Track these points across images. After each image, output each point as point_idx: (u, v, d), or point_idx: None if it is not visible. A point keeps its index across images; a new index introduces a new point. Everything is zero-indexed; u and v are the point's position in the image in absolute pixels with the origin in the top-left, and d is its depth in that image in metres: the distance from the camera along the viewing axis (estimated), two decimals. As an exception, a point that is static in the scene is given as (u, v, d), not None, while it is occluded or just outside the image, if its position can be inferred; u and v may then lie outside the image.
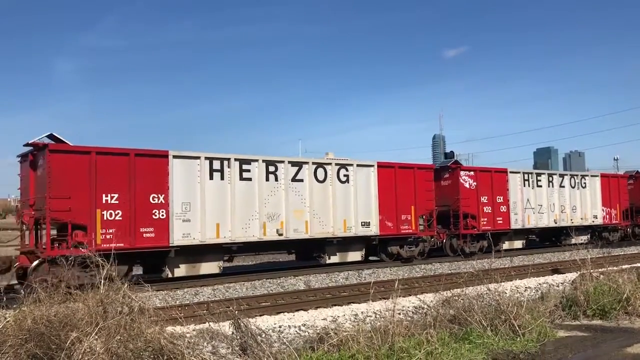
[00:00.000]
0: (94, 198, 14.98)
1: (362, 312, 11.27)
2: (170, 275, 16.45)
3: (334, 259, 19.97)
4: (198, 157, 16.91)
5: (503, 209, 25.44)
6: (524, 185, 26.38)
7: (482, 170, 25.60)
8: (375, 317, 10.46)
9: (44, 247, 14.77)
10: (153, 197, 15.94)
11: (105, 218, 15.10)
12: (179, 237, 16.23)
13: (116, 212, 15.29)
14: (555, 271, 18.33)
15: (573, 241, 25.58)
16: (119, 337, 6.28)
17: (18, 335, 6.37)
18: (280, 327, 10.05)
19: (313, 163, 19.41)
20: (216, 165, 17.19)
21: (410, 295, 12.65)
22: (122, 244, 15.10)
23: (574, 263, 15.40)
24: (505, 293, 9.51)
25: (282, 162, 18.54)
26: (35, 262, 14.33)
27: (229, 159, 17.44)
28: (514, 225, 25.77)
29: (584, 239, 27.96)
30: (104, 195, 15.16)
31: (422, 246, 22.50)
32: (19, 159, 16.33)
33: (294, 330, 9.89)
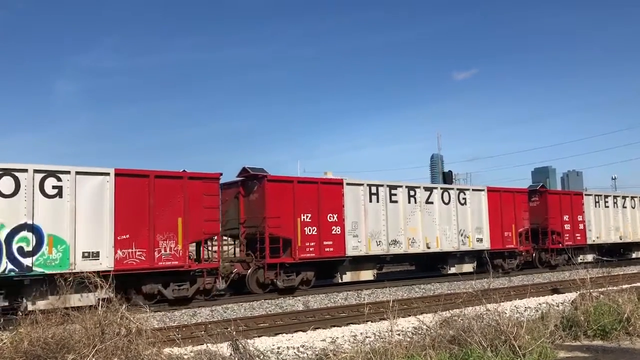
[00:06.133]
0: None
1: (361, 333, 11.17)
2: (579, 261, 25.01)
3: (634, 255, 33.31)
4: (610, 195, 31.54)
5: None
6: None
7: None
8: (375, 337, 10.38)
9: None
10: (578, 218, 29.12)
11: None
12: (591, 239, 29.61)
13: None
14: (555, 291, 18.26)
15: None
16: (116, 359, 6.23)
17: (14, 358, 6.31)
18: (278, 348, 9.96)
19: (632, 197, 32.82)
20: (611, 199, 31.39)
21: (409, 315, 12.58)
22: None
23: (573, 283, 15.32)
24: (505, 313, 9.45)
25: (627, 196, 32.90)
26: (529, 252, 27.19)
27: (617, 196, 31.90)
28: None
29: None
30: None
31: None
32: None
33: (292, 352, 9.80)
